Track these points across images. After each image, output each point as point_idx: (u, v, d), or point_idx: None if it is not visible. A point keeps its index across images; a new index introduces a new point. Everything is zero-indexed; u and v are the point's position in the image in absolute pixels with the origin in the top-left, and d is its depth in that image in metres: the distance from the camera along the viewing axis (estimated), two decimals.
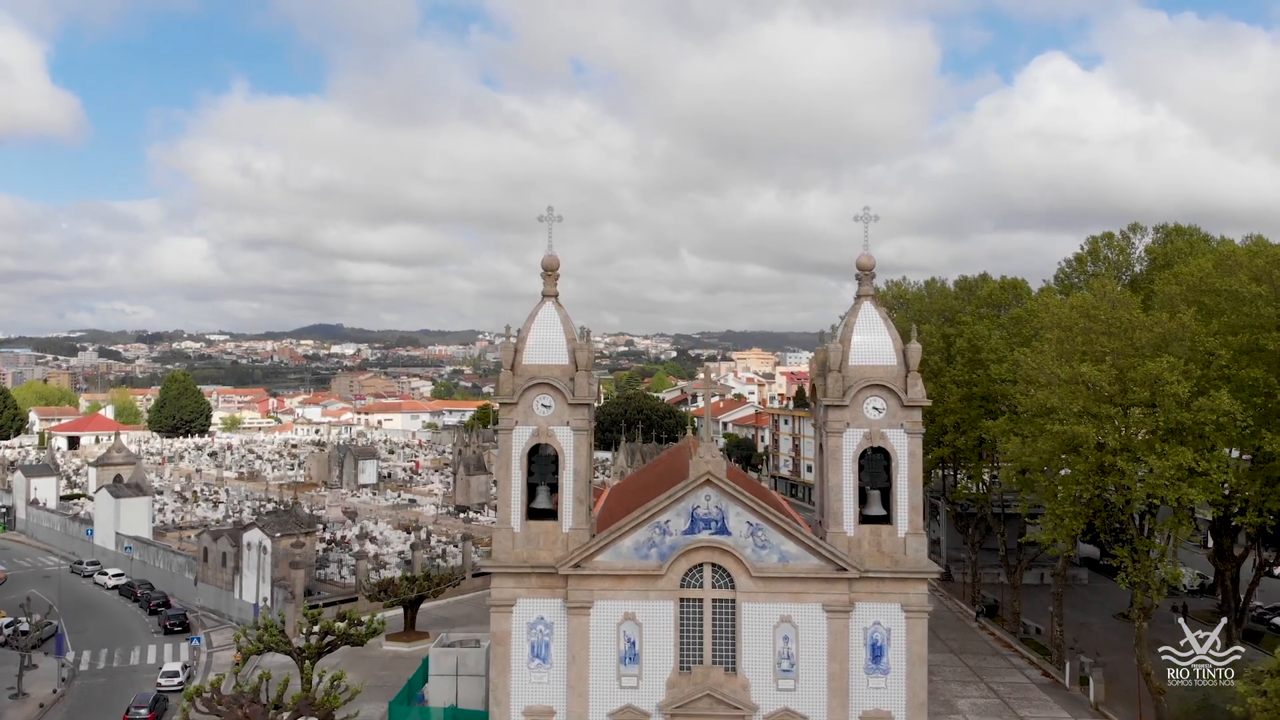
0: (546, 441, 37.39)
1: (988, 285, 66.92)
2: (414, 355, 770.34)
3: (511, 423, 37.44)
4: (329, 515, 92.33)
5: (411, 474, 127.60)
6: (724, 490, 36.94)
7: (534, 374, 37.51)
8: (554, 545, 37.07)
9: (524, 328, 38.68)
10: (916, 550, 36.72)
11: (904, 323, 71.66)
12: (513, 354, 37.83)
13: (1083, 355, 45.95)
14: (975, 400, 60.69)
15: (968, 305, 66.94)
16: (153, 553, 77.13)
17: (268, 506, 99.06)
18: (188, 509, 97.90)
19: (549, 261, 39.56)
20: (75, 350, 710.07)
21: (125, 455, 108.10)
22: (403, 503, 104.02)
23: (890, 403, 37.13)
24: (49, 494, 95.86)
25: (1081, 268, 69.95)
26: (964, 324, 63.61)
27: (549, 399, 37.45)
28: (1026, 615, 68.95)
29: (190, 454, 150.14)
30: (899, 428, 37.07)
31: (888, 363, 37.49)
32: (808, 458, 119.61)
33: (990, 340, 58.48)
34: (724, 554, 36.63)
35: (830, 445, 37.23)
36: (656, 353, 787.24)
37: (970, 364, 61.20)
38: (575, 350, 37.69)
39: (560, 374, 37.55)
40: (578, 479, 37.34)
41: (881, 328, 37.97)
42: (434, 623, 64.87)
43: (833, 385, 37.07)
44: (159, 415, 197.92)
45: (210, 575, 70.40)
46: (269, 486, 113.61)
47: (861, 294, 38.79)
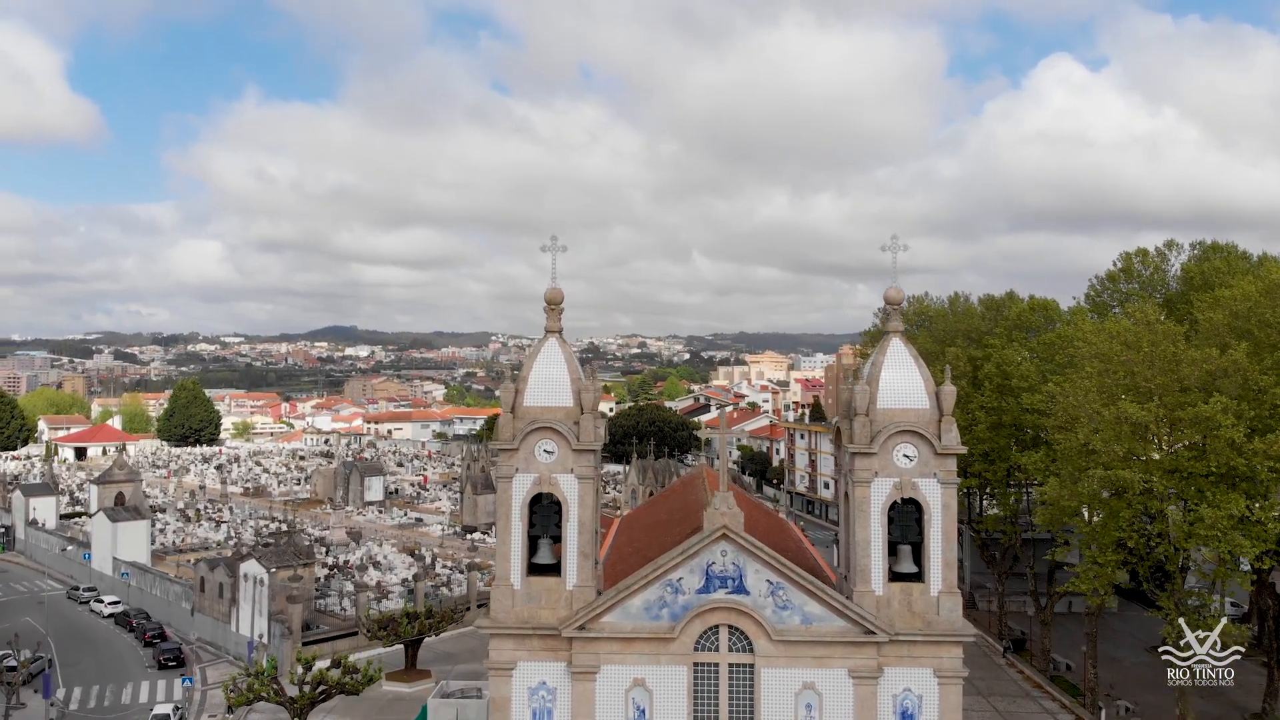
0: (549, 491, 34.60)
1: (1016, 306, 63.84)
2: (427, 357, 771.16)
3: (511, 470, 34.67)
4: (332, 537, 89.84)
5: (419, 489, 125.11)
6: (741, 545, 34.07)
7: (535, 417, 34.75)
8: (557, 604, 34.26)
9: (524, 366, 35.96)
10: (950, 610, 33.77)
11: (928, 344, 68.82)
12: (513, 395, 35.09)
13: (1125, 389, 42.93)
14: (1005, 429, 57.58)
15: (995, 326, 63.80)
16: (150, 580, 74.81)
17: (271, 527, 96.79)
18: (189, 529, 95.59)
19: (552, 295, 36.81)
20: (91, 353, 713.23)
21: (127, 472, 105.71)
22: (409, 522, 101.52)
23: (922, 450, 34.18)
24: (48, 514, 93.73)
25: (1114, 286, 66.85)
26: (992, 347, 60.52)
27: (551, 444, 34.67)
28: (1056, 649, 65.86)
29: (197, 466, 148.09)
30: (932, 477, 34.12)
31: (919, 406, 34.55)
32: (825, 474, 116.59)
33: (1021, 366, 55.38)
34: (742, 615, 33.77)
35: (857, 496, 34.29)
36: (669, 355, 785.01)
37: (999, 390, 58.13)
38: (580, 391, 34.91)
39: (564, 417, 34.78)
40: (583, 531, 34.51)
41: (913, 367, 35.03)
42: (437, 658, 62.29)
43: (859, 430, 34.15)
44: (168, 424, 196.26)
45: (207, 606, 67.94)
46: (273, 504, 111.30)
47: (890, 330, 35.89)
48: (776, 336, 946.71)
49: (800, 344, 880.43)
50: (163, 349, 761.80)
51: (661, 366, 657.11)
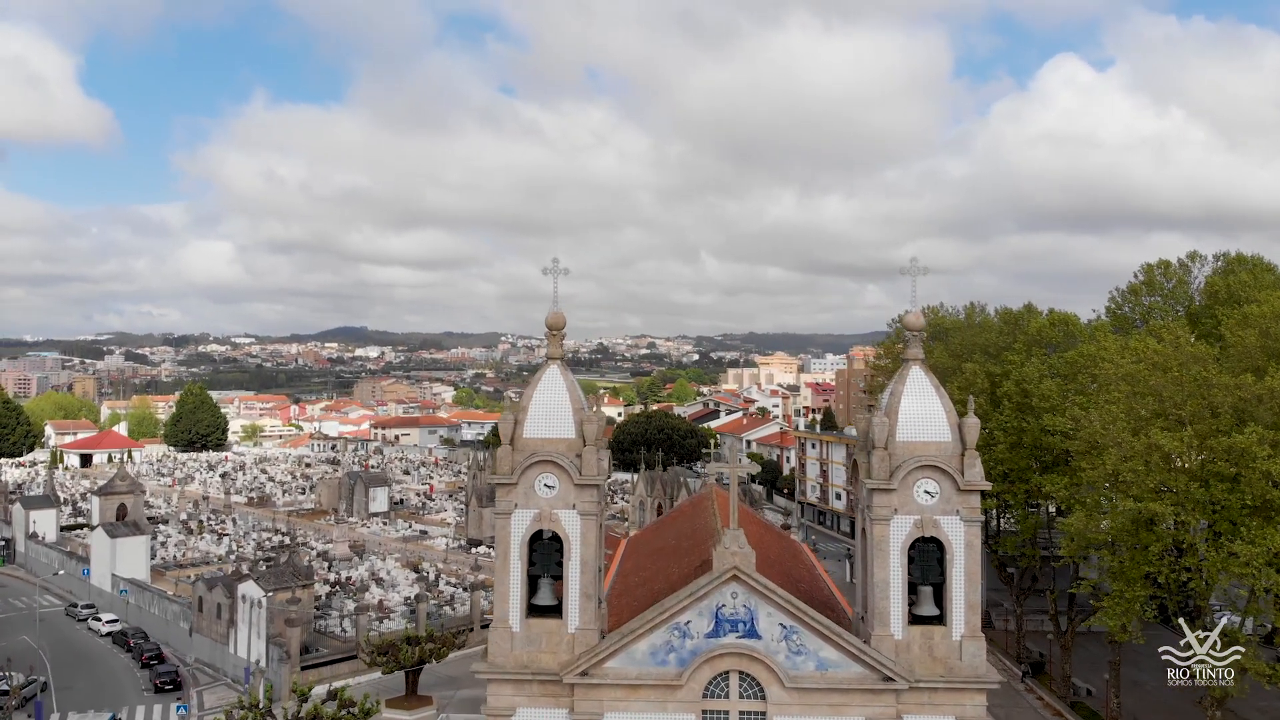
0: (549, 527, 32.88)
1: (1036, 320, 61.79)
2: (437, 358, 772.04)
3: (510, 506, 32.94)
4: (335, 552, 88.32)
5: (425, 498, 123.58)
6: (753, 587, 32.27)
7: (535, 450, 33.01)
8: (558, 647, 32.53)
9: (525, 395, 34.24)
10: (974, 656, 31.92)
11: (944, 359, 66.89)
12: (512, 426, 33.38)
13: (1154, 415, 40.98)
14: (1024, 449, 55.60)
15: (1014, 341, 61.80)
16: (148, 598, 73.38)
17: (273, 540, 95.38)
18: (191, 543, 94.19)
19: (554, 320, 35.10)
20: (102, 353, 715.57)
21: (129, 484, 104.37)
22: (413, 535, 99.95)
23: (944, 485, 32.35)
24: (48, 526, 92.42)
25: (1136, 299, 64.81)
26: (1011, 363, 58.57)
27: (553, 478, 32.93)
28: (1076, 672, 63.92)
29: (202, 474, 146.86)
30: (954, 514, 32.28)
31: (941, 439, 32.71)
32: (837, 484, 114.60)
33: (1041, 385, 53.38)
34: (753, 661, 31.98)
35: (875, 534, 32.46)
36: (678, 355, 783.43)
37: (1019, 408, 56.17)
38: (583, 422, 33.16)
39: (565, 449, 33.04)
40: (585, 571, 32.75)
41: (934, 398, 33.19)
42: (439, 682, 60.74)
43: (878, 465, 32.34)
44: (175, 429, 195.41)
45: (205, 626, 66.45)
46: (277, 515, 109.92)
47: (910, 357, 34.04)
48: (786, 337, 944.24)
49: (810, 344, 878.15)
50: (173, 350, 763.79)
51: (671, 368, 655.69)
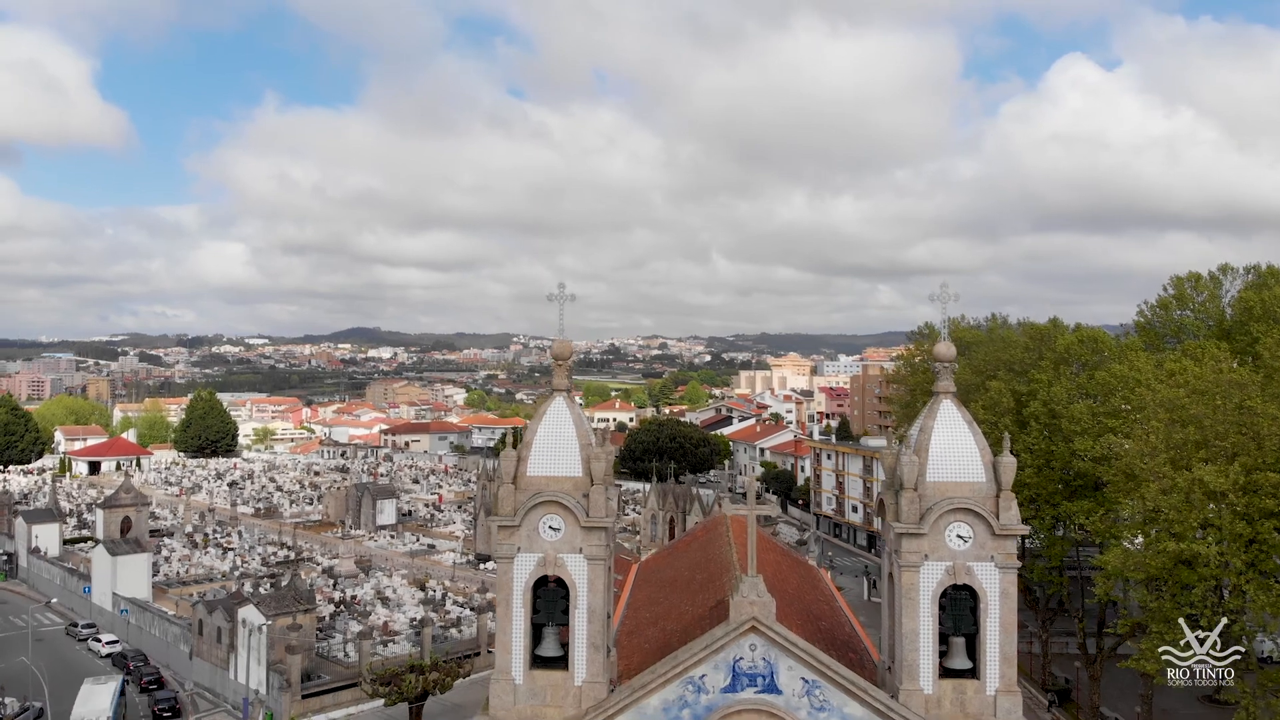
0: (554, 573, 30.82)
1: (1063, 338, 59.35)
2: (450, 359, 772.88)
3: (512, 550, 30.89)
4: (341, 568, 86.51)
5: (434, 509, 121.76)
6: (773, 639, 30.12)
7: (540, 489, 30.97)
8: (564, 701, 30.46)
9: (528, 430, 32.17)
10: (1009, 713, 29.72)
11: (967, 375, 64.47)
12: (515, 464, 31.33)
13: (1195, 445, 38.63)
14: (1054, 474, 53.25)
15: (1040, 358, 59.41)
16: (149, 618, 71.68)
17: (279, 555, 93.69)
18: (195, 557, 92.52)
19: (559, 350, 33.04)
20: (116, 354, 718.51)
21: (134, 496, 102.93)
22: (421, 549, 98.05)
23: (978, 530, 30.16)
24: (51, 541, 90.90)
25: (1167, 313, 62.30)
26: (1038, 382, 56.21)
27: (558, 520, 30.87)
28: (1105, 699, 61.40)
29: (210, 482, 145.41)
30: (988, 560, 30.09)
31: (975, 479, 30.52)
32: (853, 496, 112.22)
33: (1072, 407, 51.02)
34: (773, 718, 29.86)
35: (904, 581, 30.28)
36: (690, 356, 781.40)
37: (1047, 430, 53.83)
38: (590, 459, 31.09)
39: (572, 488, 30.98)
40: (593, 619, 30.65)
41: (967, 435, 30.98)
42: (444, 711, 58.80)
43: (907, 507, 30.15)
44: (185, 435, 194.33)
45: (205, 650, 64.67)
46: (284, 526, 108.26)
47: (941, 390, 31.81)
48: (799, 337, 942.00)
49: (823, 345, 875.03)
50: (187, 351, 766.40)
51: (683, 369, 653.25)
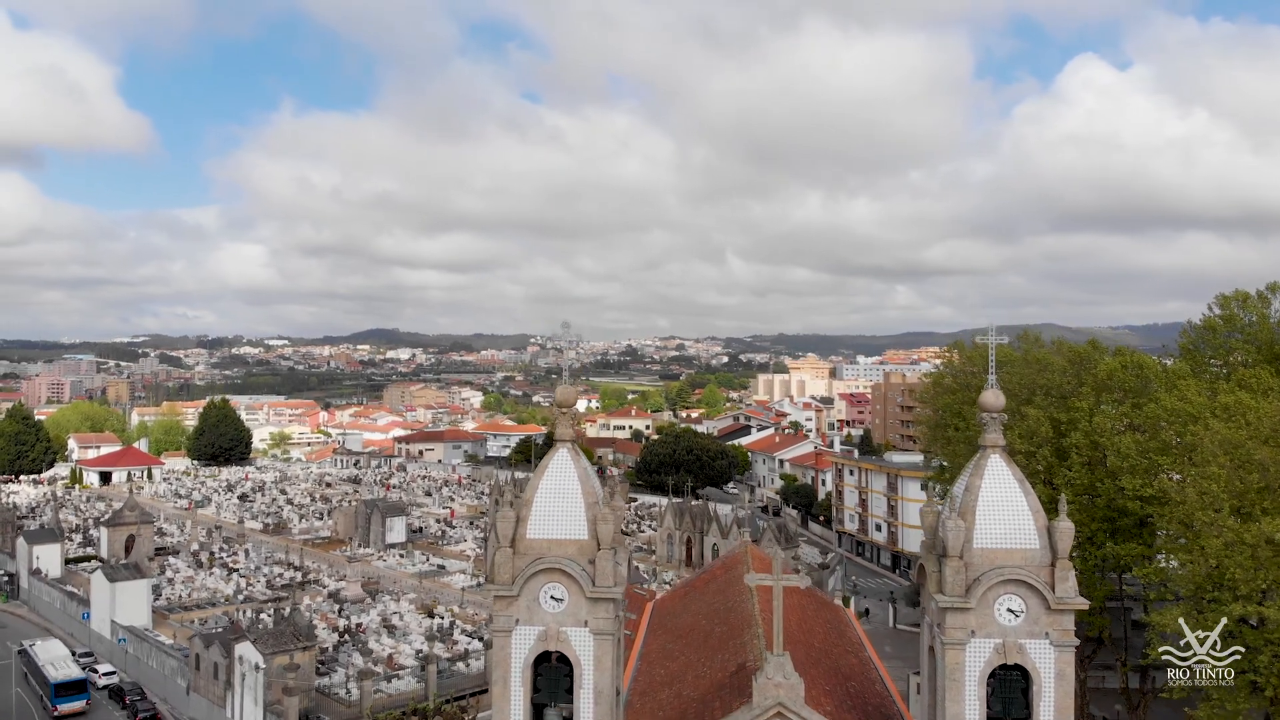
0: (557, 648, 27.74)
1: (1105, 362, 55.65)
2: (467, 360, 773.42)
3: (510, 622, 27.81)
4: (347, 592, 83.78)
5: (445, 525, 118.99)
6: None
7: (541, 553, 27.89)
8: None
9: (529, 485, 29.12)
10: None
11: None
12: (513, 525, 28.27)
13: (1259, 491, 35.18)
14: (1098, 512, 49.72)
15: (1080, 384, 55.84)
16: (147, 649, 69.10)
17: (285, 577, 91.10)
18: (200, 579, 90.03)
19: (564, 397, 30.02)
20: (137, 356, 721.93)
21: (138, 514, 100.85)
22: (430, 570, 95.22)
23: (1031, 603, 26.92)
24: (52, 562, 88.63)
25: (1213, 337, 58.55)
26: (1078, 410, 52.67)
27: (560, 589, 27.79)
28: None
29: (220, 495, 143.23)
30: (1043, 637, 26.84)
31: (1027, 545, 27.28)
32: (876, 515, 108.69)
33: (1118, 441, 47.49)
34: None
35: (948, 660, 27.04)
36: (707, 357, 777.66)
37: (1089, 463, 50.32)
38: (596, 520, 27.97)
39: (576, 553, 27.89)
40: (599, 700, 27.54)
41: (1019, 495, 27.73)
42: None
43: (952, 578, 26.91)
44: (198, 443, 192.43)
45: (202, 686, 62.04)
46: (292, 544, 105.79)
47: (989, 445, 28.54)
48: (816, 338, 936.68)
49: (841, 345, 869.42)
50: (207, 352, 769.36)
51: (700, 371, 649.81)
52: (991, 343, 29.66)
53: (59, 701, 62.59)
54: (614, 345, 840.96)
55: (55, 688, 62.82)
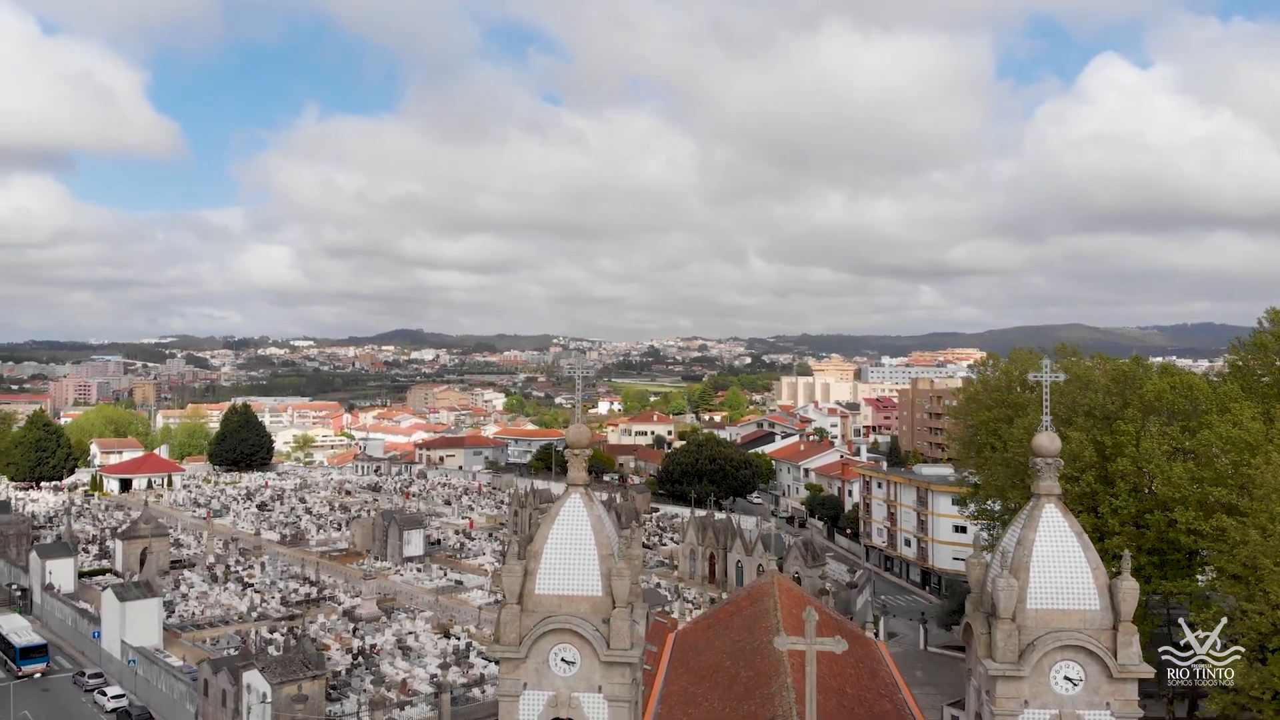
0: (569, 714, 25.44)
1: (1152, 382, 52.64)
2: (490, 361, 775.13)
3: (517, 686, 25.54)
4: (363, 610, 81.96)
5: (464, 537, 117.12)
6: None
7: (550, 611, 25.60)
8: None
9: (537, 535, 26.84)
10: None
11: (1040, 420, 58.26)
12: (521, 579, 25.98)
13: None
14: (1145, 543, 46.87)
15: (1126, 405, 52.92)
16: (156, 671, 67.43)
17: (300, 593, 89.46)
18: (214, 594, 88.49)
19: (575, 437, 27.66)
20: (164, 357, 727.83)
21: (153, 527, 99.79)
22: (448, 585, 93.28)
23: (1090, 670, 24.38)
24: (65, 577, 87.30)
25: (1264, 355, 55.46)
26: (1124, 434, 49.81)
27: (572, 651, 25.49)
28: None
29: (238, 503, 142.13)
30: (1103, 708, 24.32)
31: (1087, 606, 24.74)
32: (906, 530, 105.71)
33: (1169, 470, 44.63)
34: None
35: None
36: (730, 358, 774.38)
37: (1136, 490, 47.48)
38: (612, 575, 25.64)
39: (589, 611, 25.57)
40: None
41: (1076, 551, 25.21)
42: None
43: (1003, 643, 24.39)
44: (219, 448, 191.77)
45: (210, 713, 60.23)
46: (308, 557, 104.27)
47: (1043, 493, 26.06)
48: (840, 339, 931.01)
49: (865, 346, 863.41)
50: (233, 353, 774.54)
51: (722, 373, 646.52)
52: (1046, 380, 27.09)
53: (24, 664, 71.95)
54: (636, 346, 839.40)
55: (20, 651, 72.34)
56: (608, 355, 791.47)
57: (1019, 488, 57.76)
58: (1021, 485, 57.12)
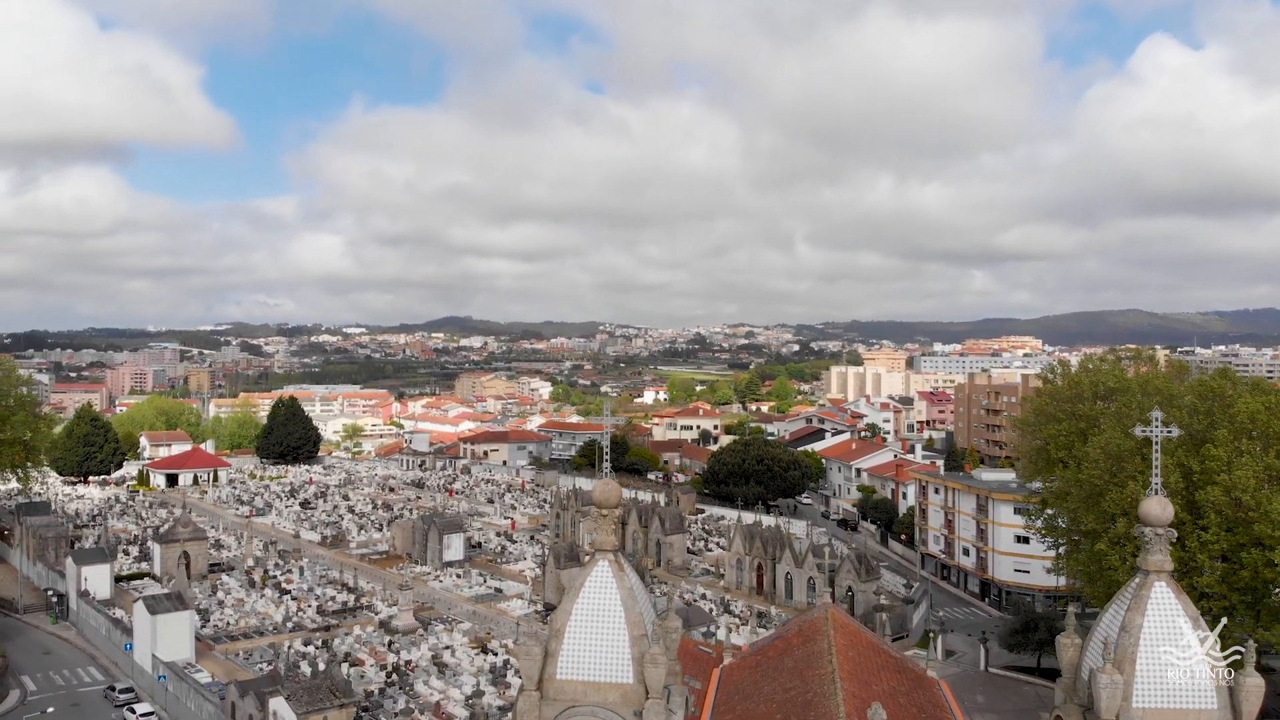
0: None
1: (1244, 403, 47.83)
2: (537, 349, 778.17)
3: None
4: (399, 622, 79.70)
5: (506, 539, 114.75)
6: None
7: (574, 699, 22.40)
8: None
9: (560, 610, 23.57)
10: None
11: (1117, 438, 53.71)
12: (540, 662, 22.77)
13: None
14: (1239, 581, 42.46)
15: (1214, 427, 48.31)
16: (185, 689, 65.59)
17: (338, 601, 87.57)
18: (250, 602, 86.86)
19: (604, 495, 24.35)
20: (220, 344, 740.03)
21: (192, 530, 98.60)
22: (487, 593, 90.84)
23: None
24: (101, 583, 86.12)
25: None
26: (1214, 460, 45.31)
27: None
28: None
29: (281, 500, 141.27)
30: None
31: (1203, 706, 20.94)
32: (964, 539, 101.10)
33: (1268, 504, 40.19)
34: None
35: None
36: (778, 345, 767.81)
37: (1228, 523, 43.04)
38: (645, 660, 22.32)
39: (619, 701, 22.32)
40: None
41: (1191, 639, 21.39)
42: None
43: None
44: (266, 441, 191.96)
45: None
46: (348, 560, 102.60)
47: (1152, 569, 22.23)
48: (891, 325, 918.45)
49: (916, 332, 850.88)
50: (287, 340, 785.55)
51: (770, 361, 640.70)
52: (1156, 436, 23.14)
53: None
54: (682, 333, 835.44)
55: None
56: (653, 342, 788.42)
57: (1093, 510, 53.44)
58: (1096, 508, 52.84)
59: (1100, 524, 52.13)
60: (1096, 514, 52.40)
